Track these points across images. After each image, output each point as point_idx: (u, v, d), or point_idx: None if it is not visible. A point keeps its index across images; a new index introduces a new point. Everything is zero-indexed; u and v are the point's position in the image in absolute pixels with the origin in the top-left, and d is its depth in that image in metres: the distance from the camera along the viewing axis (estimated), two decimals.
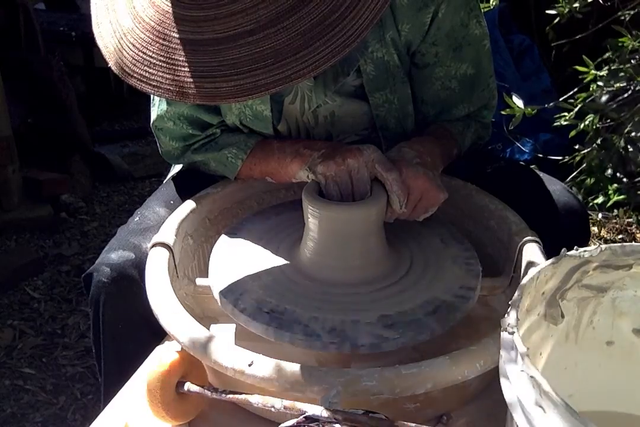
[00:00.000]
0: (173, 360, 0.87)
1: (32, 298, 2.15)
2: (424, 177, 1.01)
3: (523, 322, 0.70)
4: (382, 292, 0.97)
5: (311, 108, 1.19)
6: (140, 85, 0.84)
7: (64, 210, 2.58)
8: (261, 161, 1.16)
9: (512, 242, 1.04)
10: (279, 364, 0.80)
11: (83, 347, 1.93)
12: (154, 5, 0.84)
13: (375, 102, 1.18)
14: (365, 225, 0.98)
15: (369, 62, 1.13)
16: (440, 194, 1.03)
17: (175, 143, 1.22)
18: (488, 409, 0.90)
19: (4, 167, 2.45)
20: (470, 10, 1.13)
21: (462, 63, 1.17)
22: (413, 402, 0.83)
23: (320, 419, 0.71)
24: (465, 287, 0.98)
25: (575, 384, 0.81)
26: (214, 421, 0.92)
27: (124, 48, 0.85)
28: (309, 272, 1.00)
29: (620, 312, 0.80)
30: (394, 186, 0.98)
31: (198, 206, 1.14)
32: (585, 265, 0.74)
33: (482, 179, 1.19)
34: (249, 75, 0.78)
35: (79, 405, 1.76)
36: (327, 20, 0.78)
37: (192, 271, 1.13)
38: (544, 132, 2.34)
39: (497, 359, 0.64)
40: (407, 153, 1.05)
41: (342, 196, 1.01)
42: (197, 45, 0.81)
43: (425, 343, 0.93)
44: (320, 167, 1.00)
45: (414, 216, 1.05)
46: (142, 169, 2.97)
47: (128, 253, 1.09)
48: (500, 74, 2.41)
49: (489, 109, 1.26)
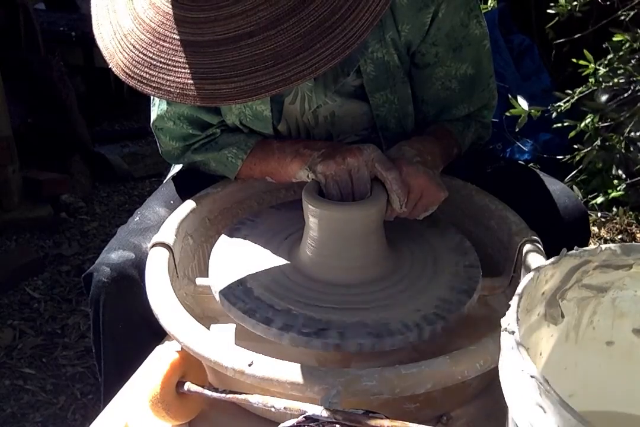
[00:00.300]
0: (173, 360, 0.87)
1: (32, 298, 2.15)
2: (424, 176, 1.01)
3: (523, 322, 0.70)
4: (374, 295, 0.97)
5: (311, 108, 1.19)
6: (141, 87, 0.84)
7: (64, 210, 2.58)
8: (261, 161, 1.16)
9: (512, 242, 1.04)
10: (279, 364, 0.80)
11: (83, 347, 1.93)
12: (154, 7, 0.84)
13: (376, 102, 1.18)
14: (365, 224, 0.98)
15: (369, 62, 1.13)
16: (441, 192, 1.03)
17: (175, 143, 1.22)
18: (488, 409, 0.90)
19: (4, 167, 2.45)
20: (470, 10, 1.13)
21: (462, 63, 1.17)
22: (413, 402, 0.83)
23: (320, 419, 0.71)
24: (460, 293, 0.96)
25: (575, 384, 0.81)
26: (214, 421, 0.92)
27: (124, 49, 0.85)
28: (309, 271, 1.00)
29: (621, 312, 0.79)
30: (393, 185, 0.98)
31: (198, 206, 1.14)
32: (585, 265, 0.74)
33: (482, 179, 1.19)
34: (249, 77, 0.78)
35: (79, 405, 1.76)
36: (327, 22, 0.78)
37: (192, 271, 1.13)
38: (544, 132, 2.34)
39: (497, 359, 0.64)
40: (407, 151, 1.05)
41: (342, 196, 1.01)
42: (197, 47, 0.81)
43: (425, 343, 0.93)
44: (320, 167, 1.00)
45: (414, 215, 1.05)
46: (142, 169, 2.97)
47: (128, 253, 1.09)
48: (500, 74, 2.41)
49: (489, 109, 1.26)
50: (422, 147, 1.08)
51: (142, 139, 3.21)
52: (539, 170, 1.29)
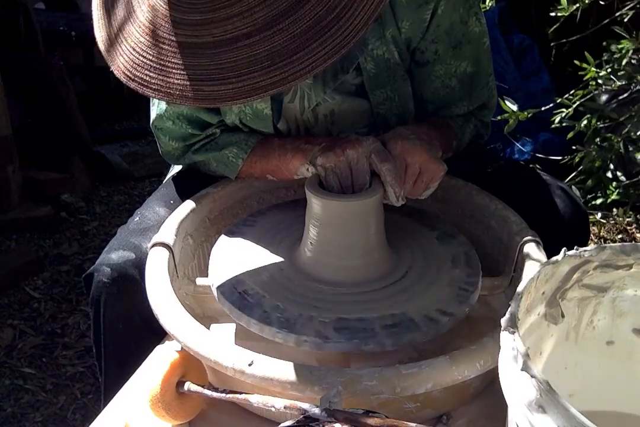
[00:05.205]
0: (173, 360, 0.87)
1: (32, 298, 2.15)
2: (421, 150, 1.01)
3: (523, 322, 0.70)
4: (359, 296, 0.97)
5: (310, 106, 1.19)
6: (141, 89, 0.85)
7: (64, 210, 2.58)
8: (262, 159, 1.16)
9: (513, 242, 1.04)
10: (279, 364, 0.81)
11: (83, 347, 1.94)
12: (152, 9, 0.84)
13: (376, 100, 1.18)
14: (363, 216, 0.98)
15: (369, 59, 1.13)
16: (440, 166, 1.03)
17: (175, 143, 1.22)
18: (488, 409, 0.90)
19: (4, 167, 2.45)
20: (470, 8, 1.14)
21: (461, 61, 1.17)
22: (413, 402, 0.83)
23: (320, 419, 0.71)
24: (441, 311, 0.94)
25: (575, 384, 0.81)
26: (214, 420, 0.92)
27: (124, 52, 0.86)
28: (308, 271, 1.00)
29: (620, 312, 0.80)
30: (387, 177, 0.98)
31: (198, 206, 1.14)
32: (586, 265, 0.74)
33: (482, 179, 1.19)
34: (246, 78, 0.79)
35: (79, 405, 1.76)
36: (323, 21, 0.78)
37: (192, 271, 1.13)
38: (544, 131, 2.34)
39: (497, 359, 0.64)
40: (403, 131, 1.06)
41: (342, 188, 1.01)
42: (195, 49, 0.81)
43: (425, 343, 0.93)
44: (320, 159, 1.01)
45: (416, 193, 1.05)
46: (142, 168, 2.97)
47: (128, 253, 1.09)
48: (500, 73, 2.41)
49: (489, 108, 1.26)
50: (418, 129, 1.09)
51: (142, 139, 3.21)
52: (539, 170, 1.29)
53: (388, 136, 1.04)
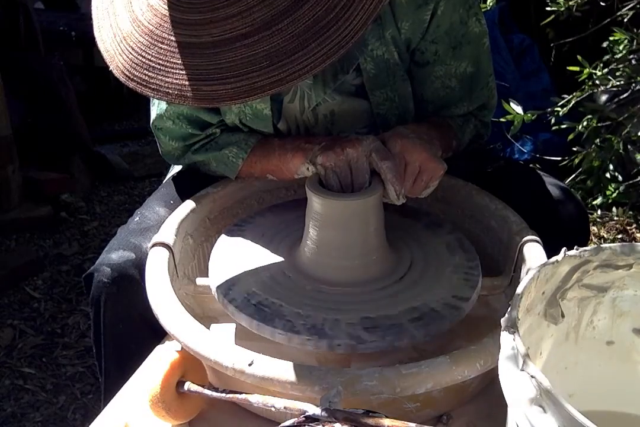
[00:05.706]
0: (173, 360, 0.87)
1: (32, 298, 2.15)
2: (420, 148, 1.01)
3: (523, 322, 0.70)
4: (374, 294, 0.97)
5: (310, 106, 1.19)
6: (140, 89, 0.85)
7: (64, 210, 2.58)
8: (262, 159, 1.16)
9: (513, 242, 1.04)
10: (279, 364, 0.80)
11: (83, 347, 1.94)
12: (152, 9, 0.84)
13: (376, 100, 1.18)
14: (363, 215, 0.98)
15: (369, 60, 1.13)
16: (439, 165, 1.03)
17: (175, 143, 1.22)
18: (488, 409, 0.90)
19: (4, 167, 2.45)
20: (470, 8, 1.14)
21: (461, 61, 1.17)
22: (413, 402, 0.83)
23: (320, 419, 0.71)
24: (458, 297, 0.96)
25: (575, 384, 0.81)
26: (214, 420, 0.92)
27: (123, 52, 0.86)
28: (309, 270, 1.00)
29: (621, 312, 0.80)
30: (388, 175, 0.98)
31: (198, 206, 1.14)
32: (586, 265, 0.74)
33: (482, 179, 1.19)
34: (245, 78, 0.79)
35: (79, 405, 1.76)
36: (322, 21, 0.78)
37: (192, 271, 1.13)
38: (544, 131, 2.34)
39: (497, 359, 0.64)
40: (402, 130, 1.06)
41: (342, 187, 1.01)
42: (194, 49, 0.81)
43: (425, 343, 0.93)
44: (320, 158, 1.01)
45: (416, 192, 1.05)
46: (142, 168, 2.97)
47: (128, 253, 1.09)
48: (500, 73, 2.41)
49: (489, 108, 1.26)
50: (417, 129, 1.09)
51: (142, 139, 3.21)
52: (539, 170, 1.30)
53: (388, 135, 1.04)
